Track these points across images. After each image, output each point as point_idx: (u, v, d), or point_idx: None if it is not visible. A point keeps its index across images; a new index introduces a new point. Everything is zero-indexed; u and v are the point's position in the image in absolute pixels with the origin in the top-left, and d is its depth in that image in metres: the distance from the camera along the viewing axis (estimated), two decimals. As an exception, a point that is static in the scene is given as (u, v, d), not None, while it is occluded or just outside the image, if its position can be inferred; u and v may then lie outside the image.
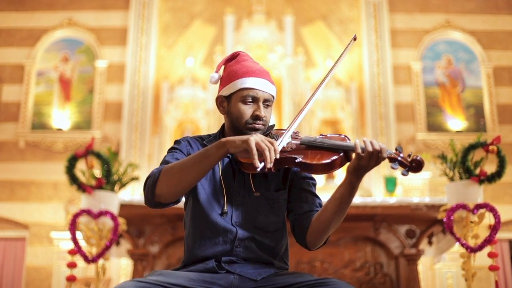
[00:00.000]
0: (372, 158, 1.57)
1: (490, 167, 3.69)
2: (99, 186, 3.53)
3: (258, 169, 1.50)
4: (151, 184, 1.65)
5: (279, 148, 1.58)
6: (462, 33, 8.63)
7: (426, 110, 8.40)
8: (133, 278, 3.77)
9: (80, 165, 3.77)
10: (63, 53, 8.56)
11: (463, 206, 3.49)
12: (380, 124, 8.12)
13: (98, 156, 3.55)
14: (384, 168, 7.72)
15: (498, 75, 8.48)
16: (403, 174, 1.58)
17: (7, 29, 8.63)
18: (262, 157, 1.52)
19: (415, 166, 1.57)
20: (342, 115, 8.01)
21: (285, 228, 1.82)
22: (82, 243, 3.65)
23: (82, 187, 3.52)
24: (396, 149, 1.60)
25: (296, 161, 1.65)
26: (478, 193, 3.58)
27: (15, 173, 7.99)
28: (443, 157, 3.69)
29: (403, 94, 8.44)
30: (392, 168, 1.59)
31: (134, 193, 7.20)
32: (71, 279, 3.52)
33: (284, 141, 1.64)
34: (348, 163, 1.67)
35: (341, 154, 1.64)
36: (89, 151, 3.55)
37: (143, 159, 7.82)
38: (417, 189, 7.68)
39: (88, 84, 8.46)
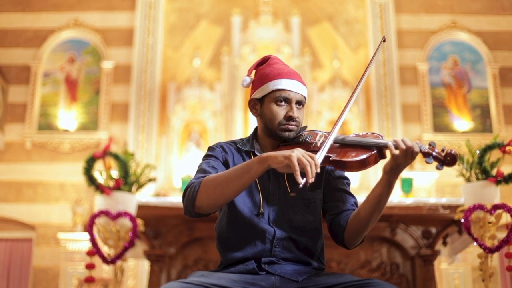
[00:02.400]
0: (407, 155, 1.60)
1: (505, 168, 3.70)
2: (117, 187, 3.53)
3: (301, 185, 1.51)
4: (191, 196, 1.66)
5: (319, 162, 1.58)
6: (468, 33, 8.64)
7: (432, 111, 8.41)
8: (150, 279, 3.78)
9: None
10: (69, 54, 8.56)
11: (481, 207, 3.49)
12: (386, 125, 8.13)
13: (116, 157, 3.54)
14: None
15: (504, 76, 8.50)
16: (438, 168, 1.62)
17: (13, 30, 8.63)
18: (303, 172, 1.53)
19: (449, 160, 1.60)
20: (348, 115, 8.01)
21: (321, 228, 1.84)
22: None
23: (100, 188, 3.51)
24: (429, 144, 1.64)
25: (330, 159, 1.67)
26: (495, 194, 3.59)
27: (22, 174, 7.99)
28: (460, 158, 3.69)
29: (409, 94, 8.46)
30: (427, 163, 1.63)
31: (141, 194, 7.18)
32: (89, 280, 3.51)
33: (323, 153, 1.64)
34: (381, 160, 1.70)
35: (375, 151, 1.66)
36: (106, 152, 3.55)
37: (150, 160, 7.80)
38: (424, 190, 7.70)
39: (95, 85, 8.45)
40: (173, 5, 8.76)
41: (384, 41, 1.92)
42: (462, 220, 3.51)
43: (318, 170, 1.54)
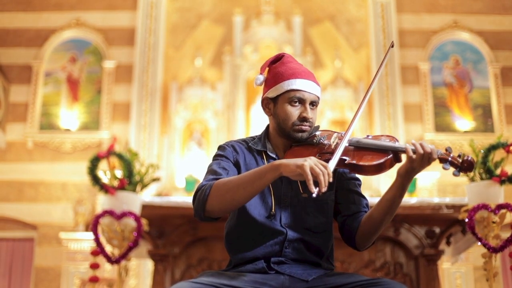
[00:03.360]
0: (424, 160, 1.59)
1: (509, 168, 3.71)
2: (121, 187, 3.53)
3: (314, 194, 1.49)
4: (201, 199, 1.65)
5: (332, 170, 1.55)
6: (469, 33, 8.65)
7: (434, 111, 8.42)
8: (154, 279, 3.78)
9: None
10: (71, 53, 8.56)
11: (485, 206, 3.49)
12: (388, 124, 8.14)
13: (120, 157, 3.54)
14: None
15: (506, 75, 8.50)
16: (455, 175, 1.60)
17: (14, 29, 8.63)
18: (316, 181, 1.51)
19: (466, 166, 1.58)
20: (350, 115, 8.02)
21: (332, 228, 1.83)
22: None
23: (104, 188, 3.51)
24: (446, 150, 1.62)
25: (346, 162, 1.65)
26: (499, 194, 3.59)
27: (24, 174, 7.99)
28: (464, 158, 3.68)
29: (411, 94, 8.46)
30: (444, 168, 1.61)
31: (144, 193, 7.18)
32: (94, 280, 3.52)
33: (335, 161, 1.60)
34: (397, 164, 1.68)
35: (391, 155, 1.64)
36: (111, 152, 3.55)
37: (152, 159, 7.79)
38: (425, 190, 7.70)
39: (96, 85, 8.45)
40: (175, 5, 8.76)
41: (392, 46, 1.90)
42: (466, 220, 3.51)
43: (331, 179, 1.52)
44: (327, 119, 8.01)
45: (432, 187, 7.77)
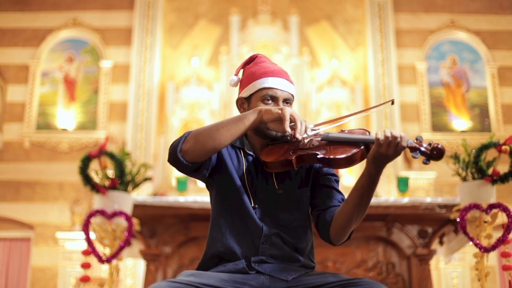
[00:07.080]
0: (391, 146, 1.57)
1: (501, 167, 3.70)
2: (113, 187, 3.53)
3: (287, 134, 1.57)
4: (178, 141, 1.68)
5: (310, 133, 1.65)
6: (466, 33, 8.64)
7: (431, 110, 8.41)
8: (146, 278, 3.78)
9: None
10: (68, 53, 8.56)
11: (477, 206, 3.49)
12: (385, 124, 8.13)
13: (112, 156, 3.54)
14: (395, 169, 7.73)
15: (503, 75, 8.49)
16: (424, 163, 1.58)
17: (12, 29, 8.62)
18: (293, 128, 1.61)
19: (436, 154, 1.57)
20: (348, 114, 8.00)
21: (310, 225, 1.83)
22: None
23: (96, 188, 3.51)
24: (416, 139, 1.62)
25: (318, 157, 1.67)
26: (491, 193, 3.59)
27: (20, 173, 7.99)
28: (456, 157, 3.69)
29: (408, 94, 8.45)
30: (413, 157, 1.60)
31: (139, 193, 7.18)
32: (85, 279, 3.52)
33: (315, 130, 1.70)
34: None
35: (362, 147, 1.65)
36: (102, 152, 3.55)
37: (148, 159, 7.80)
38: (422, 189, 7.70)
39: (93, 84, 8.45)
40: (172, 4, 8.76)
41: (392, 103, 1.89)
42: (458, 220, 3.51)
43: (309, 133, 1.62)
44: (324, 118, 8.00)
45: (429, 187, 7.77)
